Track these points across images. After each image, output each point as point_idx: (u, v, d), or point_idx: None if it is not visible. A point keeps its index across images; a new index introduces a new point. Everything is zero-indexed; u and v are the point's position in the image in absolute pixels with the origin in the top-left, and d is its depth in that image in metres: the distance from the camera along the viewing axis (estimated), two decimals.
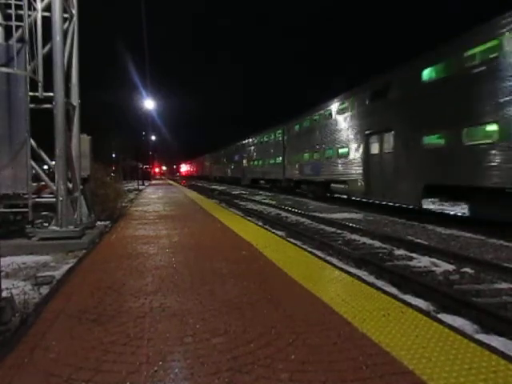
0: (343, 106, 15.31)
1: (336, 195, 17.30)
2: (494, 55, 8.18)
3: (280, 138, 23.84)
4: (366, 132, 13.22)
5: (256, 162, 30.23)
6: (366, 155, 13.27)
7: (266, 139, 27.58)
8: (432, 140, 10.21)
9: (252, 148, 31.51)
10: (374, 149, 12.92)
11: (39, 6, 6.05)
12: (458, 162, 9.09)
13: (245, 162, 33.50)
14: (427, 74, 10.37)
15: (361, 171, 13.55)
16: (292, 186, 21.79)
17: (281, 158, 23.38)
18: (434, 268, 5.79)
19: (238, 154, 36.56)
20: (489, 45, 8.37)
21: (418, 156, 10.57)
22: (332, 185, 16.43)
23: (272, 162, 25.58)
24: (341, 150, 15.34)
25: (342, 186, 15.26)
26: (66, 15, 6.51)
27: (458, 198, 9.93)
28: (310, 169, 18.83)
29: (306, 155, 19.31)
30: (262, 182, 29.58)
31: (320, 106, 17.70)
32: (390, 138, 11.92)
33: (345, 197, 16.43)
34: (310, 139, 18.67)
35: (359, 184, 13.70)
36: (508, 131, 7.75)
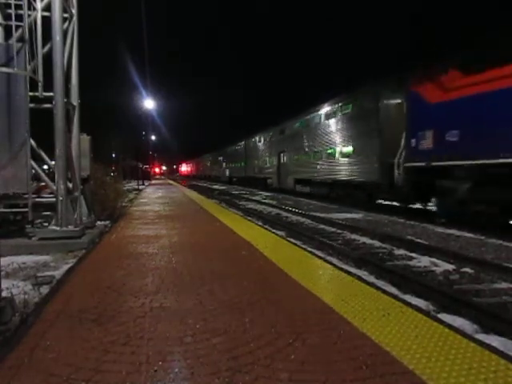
0: (270, 134, 27.05)
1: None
2: (305, 125, 20.16)
3: (243, 149, 35.09)
4: (278, 151, 24.29)
5: (229, 164, 41.81)
6: (278, 163, 24.29)
7: (235, 148, 38.66)
8: (296, 156, 21.17)
9: (228, 154, 42.66)
10: (281, 160, 23.83)
11: (39, 5, 6.04)
12: (305, 168, 19.45)
13: (224, 164, 45.01)
14: (295, 125, 21.72)
15: (276, 172, 24.66)
16: (250, 181, 32.28)
17: (243, 163, 34.63)
18: (433, 268, 5.79)
19: (220, 157, 47.85)
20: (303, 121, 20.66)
21: (293, 165, 21.62)
22: (267, 180, 27.27)
23: (238, 165, 37.08)
24: (268, 160, 27.15)
25: (270, 180, 26.41)
26: (65, 15, 6.49)
27: (308, 184, 19.29)
28: (257, 170, 30.16)
29: (255, 161, 30.68)
30: (234, 179, 40.06)
31: (261, 132, 29.39)
32: (285, 155, 23.12)
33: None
34: (256, 151, 30.51)
35: (275, 179, 24.89)
36: (312, 158, 18.70)
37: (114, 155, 45.29)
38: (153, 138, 57.09)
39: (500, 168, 7.59)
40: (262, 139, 29.01)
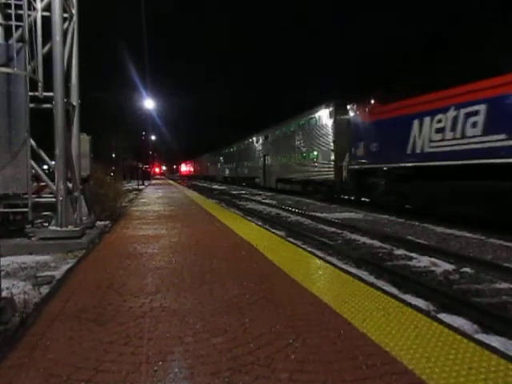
0: (256, 138, 30.79)
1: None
2: (286, 134, 23.49)
3: (235, 152, 38.96)
4: (264, 154, 28.03)
5: (224, 165, 46.15)
6: (263, 164, 27.91)
7: (229, 151, 42.60)
8: (277, 159, 24.69)
9: (223, 155, 46.66)
10: (266, 161, 27.35)
11: (39, 5, 6.04)
12: (285, 169, 22.98)
13: (219, 165, 49.27)
14: (276, 132, 25.37)
15: (262, 172, 28.13)
16: (242, 180, 36.43)
17: (236, 164, 38.70)
18: (433, 268, 5.78)
19: (215, 159, 52.20)
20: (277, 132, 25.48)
21: (274, 166, 25.29)
22: (255, 180, 30.84)
23: (231, 166, 41.53)
24: (256, 161, 30.70)
25: (258, 180, 29.87)
26: (65, 15, 6.49)
27: (286, 183, 22.70)
28: (247, 171, 34.24)
29: (246, 163, 34.61)
30: (229, 178, 43.40)
31: (251, 136, 32.83)
32: (269, 158, 26.75)
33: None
34: (246, 153, 34.15)
35: (262, 179, 28.33)
36: (290, 160, 22.07)
37: (113, 155, 45.22)
38: (153, 137, 57.13)
39: (400, 170, 10.78)
40: (251, 143, 32.76)
